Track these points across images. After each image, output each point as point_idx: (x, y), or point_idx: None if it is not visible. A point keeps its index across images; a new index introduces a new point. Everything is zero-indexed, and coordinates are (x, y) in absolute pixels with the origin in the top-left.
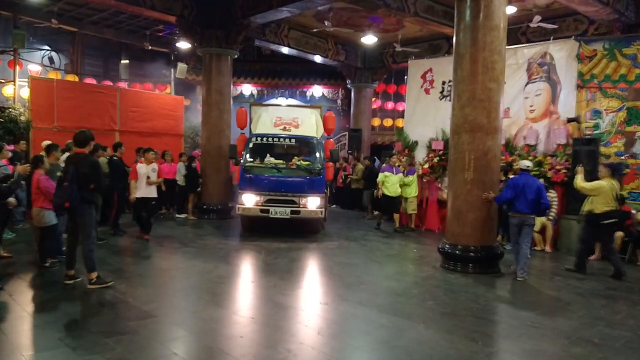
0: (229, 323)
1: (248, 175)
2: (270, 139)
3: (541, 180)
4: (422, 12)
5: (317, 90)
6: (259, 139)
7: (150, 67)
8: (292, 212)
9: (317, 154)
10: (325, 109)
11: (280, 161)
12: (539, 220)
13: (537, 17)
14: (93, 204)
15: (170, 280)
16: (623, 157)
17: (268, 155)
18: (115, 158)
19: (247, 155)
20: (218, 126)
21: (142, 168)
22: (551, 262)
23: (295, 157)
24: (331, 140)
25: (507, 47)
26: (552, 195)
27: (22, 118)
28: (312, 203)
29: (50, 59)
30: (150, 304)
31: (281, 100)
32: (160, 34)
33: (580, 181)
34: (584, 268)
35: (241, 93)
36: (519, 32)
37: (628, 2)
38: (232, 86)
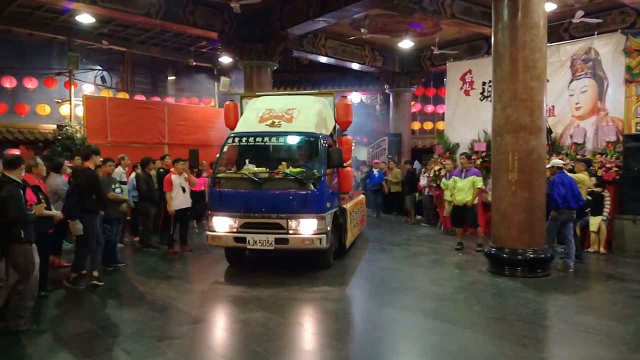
0: (275, 328)
1: (219, 191)
2: (251, 140)
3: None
4: (459, 14)
5: (355, 97)
6: (236, 140)
7: (195, 82)
8: (278, 241)
9: (318, 157)
10: (338, 96)
11: (262, 169)
12: (596, 221)
13: (580, 12)
14: (95, 213)
15: (217, 286)
16: None
17: (247, 161)
18: (161, 170)
19: (219, 163)
20: None
21: (176, 179)
22: (605, 264)
23: (283, 163)
24: (347, 137)
25: (548, 44)
26: (605, 194)
27: (78, 135)
28: (306, 227)
29: (102, 78)
30: (199, 309)
31: None
32: (204, 50)
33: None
34: (582, 256)
35: None
36: (561, 29)
37: None
38: None
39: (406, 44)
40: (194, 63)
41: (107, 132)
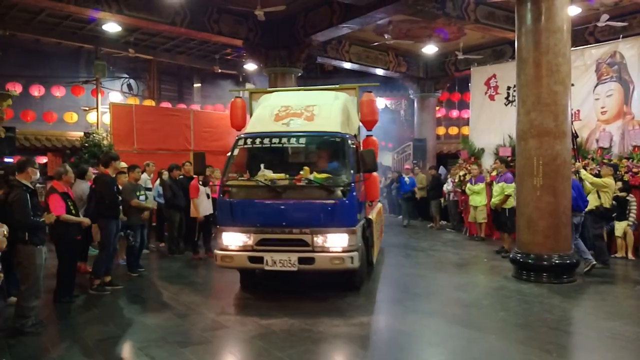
0: (297, 334)
1: (230, 201)
2: (266, 141)
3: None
4: (482, 19)
5: (379, 102)
6: (248, 141)
7: (221, 88)
8: (301, 261)
9: (345, 161)
10: (362, 91)
11: (282, 175)
12: (621, 226)
13: (605, 16)
14: (111, 218)
15: (241, 292)
16: None
17: (263, 167)
18: (181, 177)
19: (229, 169)
20: None
21: (201, 186)
22: (633, 270)
23: (306, 168)
24: (372, 138)
25: (573, 48)
26: (631, 199)
27: (105, 142)
28: (335, 243)
29: (129, 86)
30: (223, 315)
31: None
32: (229, 57)
33: (592, 177)
34: (608, 262)
35: None
36: (586, 33)
37: None
38: None
39: (430, 49)
40: (219, 70)
41: (133, 139)
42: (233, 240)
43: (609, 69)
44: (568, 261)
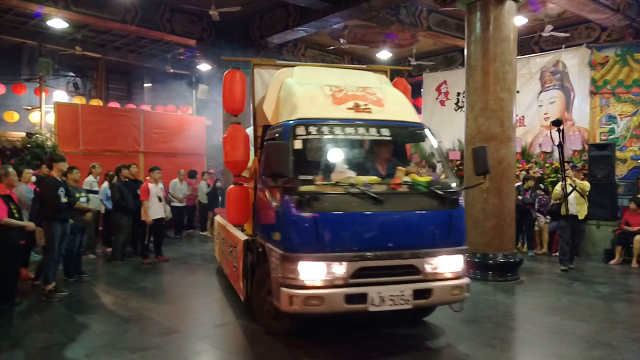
0: (251, 336)
1: (312, 218)
2: (337, 131)
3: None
4: (434, 27)
5: None
6: (312, 130)
7: (172, 89)
8: (417, 294)
9: (443, 159)
10: (393, 74)
11: (374, 178)
12: None
13: (549, 27)
14: (54, 220)
15: (194, 296)
16: (639, 161)
17: (341, 166)
18: (126, 180)
19: (290, 168)
20: None
21: (153, 188)
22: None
23: (400, 169)
24: None
25: (519, 57)
26: None
27: (49, 143)
28: (450, 268)
29: (75, 85)
30: (174, 320)
31: None
32: (181, 57)
33: (587, 184)
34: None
35: None
36: (531, 42)
37: (639, 8)
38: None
39: (384, 54)
40: (172, 70)
41: (79, 140)
42: (318, 272)
43: (552, 77)
44: (512, 260)
